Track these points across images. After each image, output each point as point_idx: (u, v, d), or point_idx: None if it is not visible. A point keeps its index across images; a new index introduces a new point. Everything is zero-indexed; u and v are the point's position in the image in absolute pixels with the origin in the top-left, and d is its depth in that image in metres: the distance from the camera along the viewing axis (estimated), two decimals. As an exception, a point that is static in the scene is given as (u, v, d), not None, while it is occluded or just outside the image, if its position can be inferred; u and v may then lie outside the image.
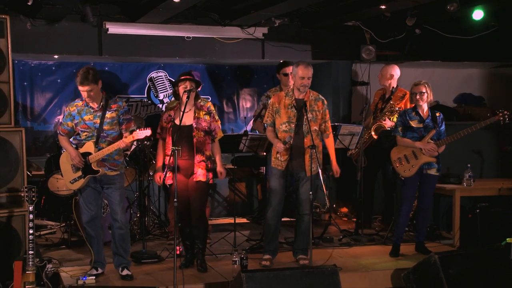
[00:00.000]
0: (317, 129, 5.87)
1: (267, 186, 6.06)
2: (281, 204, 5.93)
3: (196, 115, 5.68)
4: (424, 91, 6.16)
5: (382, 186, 7.64)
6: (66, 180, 5.54)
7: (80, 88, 5.31)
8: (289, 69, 6.87)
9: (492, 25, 8.34)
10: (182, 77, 5.70)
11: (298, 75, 5.79)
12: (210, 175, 5.70)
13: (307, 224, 5.85)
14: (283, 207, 5.99)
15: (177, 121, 5.55)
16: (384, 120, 7.20)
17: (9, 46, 5.71)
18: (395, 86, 7.32)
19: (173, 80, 8.56)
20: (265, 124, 6.08)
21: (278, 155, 5.85)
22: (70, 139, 5.56)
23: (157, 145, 5.85)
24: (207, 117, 5.71)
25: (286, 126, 5.82)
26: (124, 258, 5.58)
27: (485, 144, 7.94)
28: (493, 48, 8.71)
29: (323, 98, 6.00)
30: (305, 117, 5.74)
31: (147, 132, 5.36)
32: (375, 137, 7.24)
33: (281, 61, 7.20)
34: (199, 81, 6.02)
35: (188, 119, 5.65)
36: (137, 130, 5.36)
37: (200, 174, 5.62)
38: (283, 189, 5.94)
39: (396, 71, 7.42)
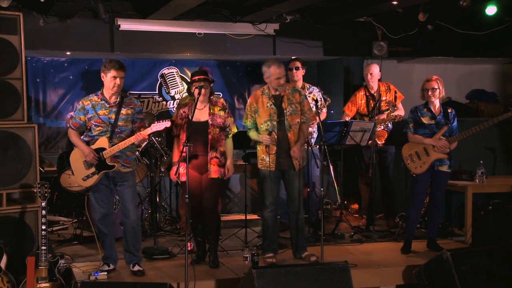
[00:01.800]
0: (299, 121, 5.79)
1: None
2: (275, 204, 5.83)
3: (211, 111, 5.67)
4: (436, 87, 6.13)
5: (380, 183, 7.58)
6: (77, 178, 5.49)
7: (116, 73, 5.31)
8: (293, 64, 6.94)
9: (505, 20, 8.27)
10: (197, 77, 5.67)
11: (273, 76, 5.68)
12: (223, 170, 5.70)
13: (302, 221, 5.81)
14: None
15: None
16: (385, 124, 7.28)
17: (22, 42, 5.74)
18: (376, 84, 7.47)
19: (184, 76, 8.58)
20: (246, 127, 5.97)
21: (263, 156, 5.76)
22: (82, 137, 5.52)
23: (169, 141, 5.84)
24: (222, 113, 5.70)
25: (267, 125, 5.73)
26: (135, 255, 5.60)
27: (497, 140, 7.89)
28: (506, 43, 8.62)
29: (299, 89, 5.97)
30: (285, 111, 5.67)
31: (167, 123, 5.32)
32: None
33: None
34: (213, 79, 6.01)
35: (203, 116, 5.65)
36: (155, 122, 5.35)
37: (213, 171, 5.62)
38: (276, 189, 5.84)
39: (374, 70, 7.48)
